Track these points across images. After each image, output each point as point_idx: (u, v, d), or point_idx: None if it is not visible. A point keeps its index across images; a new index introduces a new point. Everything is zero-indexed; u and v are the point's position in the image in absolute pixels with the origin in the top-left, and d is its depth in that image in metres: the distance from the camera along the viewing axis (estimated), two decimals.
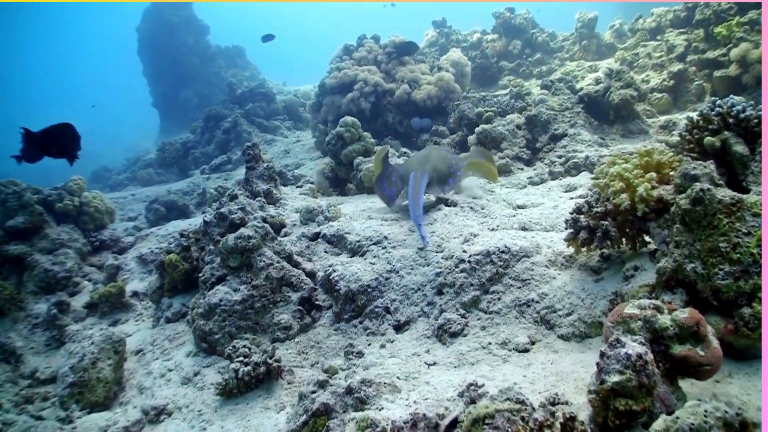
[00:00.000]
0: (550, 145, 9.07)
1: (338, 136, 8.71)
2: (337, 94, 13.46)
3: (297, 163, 14.00)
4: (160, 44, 30.66)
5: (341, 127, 8.74)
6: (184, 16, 31.04)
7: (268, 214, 6.41)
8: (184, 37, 30.54)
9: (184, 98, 29.49)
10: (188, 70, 30.20)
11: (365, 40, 14.89)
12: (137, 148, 32.59)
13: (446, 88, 12.87)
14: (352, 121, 8.76)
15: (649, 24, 15.21)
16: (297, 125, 19.38)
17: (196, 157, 17.96)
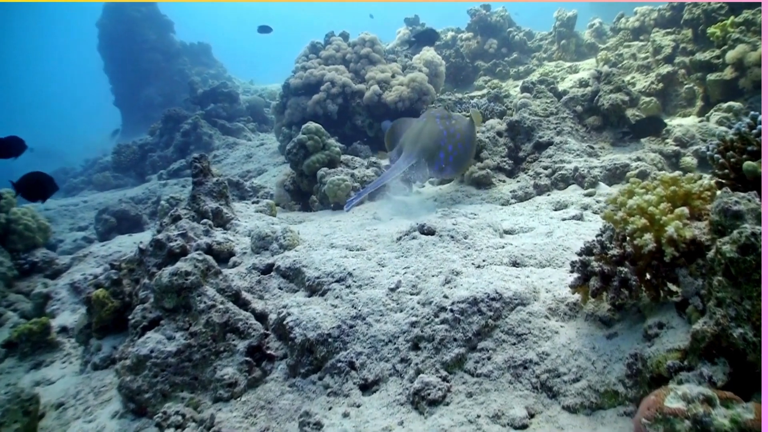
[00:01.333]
0: (534, 155, 8.23)
1: (300, 145, 7.78)
2: (303, 95, 12.55)
3: (259, 168, 13.07)
4: (121, 40, 29.58)
5: (303, 135, 7.82)
6: (146, 12, 29.96)
7: (215, 241, 5.47)
8: (147, 33, 29.48)
9: (147, 96, 28.42)
10: (151, 67, 29.15)
11: (333, 38, 13.97)
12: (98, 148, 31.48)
13: (419, 89, 12.01)
14: (315, 128, 7.84)
15: (632, 23, 14.48)
16: (262, 127, 18.42)
17: (154, 161, 16.93)
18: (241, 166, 13.82)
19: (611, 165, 7.45)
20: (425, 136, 7.31)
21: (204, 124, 16.61)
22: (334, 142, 8.11)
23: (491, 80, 16.52)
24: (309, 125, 7.87)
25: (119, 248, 8.43)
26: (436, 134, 7.30)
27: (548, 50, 17.22)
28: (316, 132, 7.82)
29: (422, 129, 7.51)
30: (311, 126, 7.85)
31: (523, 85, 11.19)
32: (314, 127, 7.85)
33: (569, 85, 13.84)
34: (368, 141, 12.27)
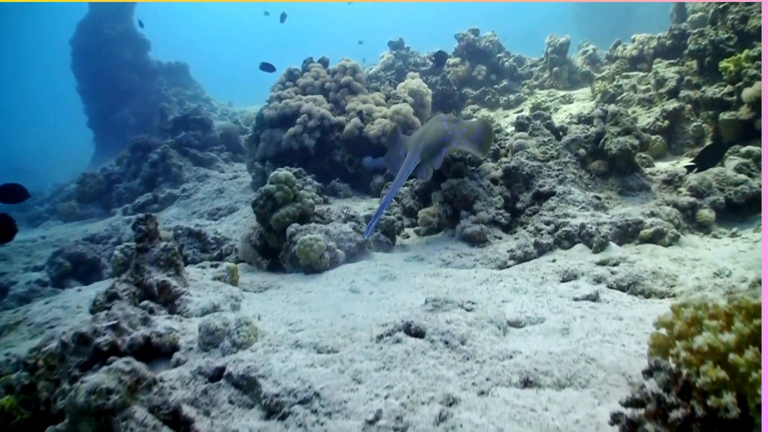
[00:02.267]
0: (534, 206, 7.28)
1: (267, 196, 6.75)
2: (278, 127, 11.58)
3: (231, 206, 12.05)
4: (95, 59, 28.51)
5: (272, 184, 6.79)
6: (122, 30, 28.93)
7: (155, 332, 4.44)
8: (122, 51, 28.43)
9: (121, 118, 27.36)
10: (126, 87, 28.09)
11: (312, 64, 13.03)
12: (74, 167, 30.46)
13: (404, 122, 11.08)
14: (285, 177, 6.82)
15: (630, 51, 13.64)
16: (236, 156, 17.38)
17: (120, 193, 15.86)
18: (211, 202, 12.80)
19: (622, 221, 6.51)
20: (428, 136, 7.26)
21: (174, 154, 15.53)
22: (306, 193, 7.09)
23: (480, 109, 15.65)
24: (278, 173, 6.84)
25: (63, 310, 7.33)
26: (440, 133, 7.27)
27: (539, 77, 16.37)
28: (286, 181, 6.81)
29: (426, 130, 7.53)
30: (280, 174, 6.82)
31: (517, 121, 10.25)
32: (284, 175, 6.83)
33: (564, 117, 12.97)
34: (348, 178, 11.32)
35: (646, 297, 5.11)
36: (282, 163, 11.50)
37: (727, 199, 7.09)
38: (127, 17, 30.25)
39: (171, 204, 13.62)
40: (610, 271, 5.49)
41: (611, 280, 5.32)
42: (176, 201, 13.64)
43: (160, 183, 14.97)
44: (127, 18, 30.28)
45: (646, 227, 6.40)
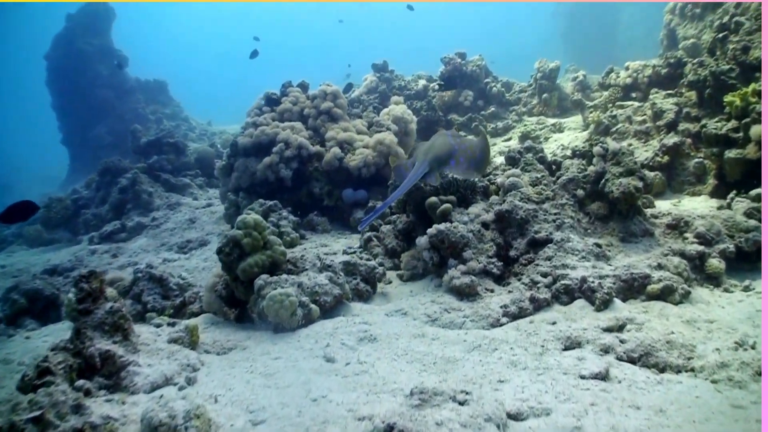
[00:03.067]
0: (529, 255, 6.61)
1: (233, 243, 6.02)
2: (252, 156, 10.88)
3: (202, 238, 11.30)
4: (70, 75, 27.73)
5: (239, 230, 6.06)
6: (98, 45, 28.17)
7: (89, 423, 3.73)
8: (98, 67, 27.66)
9: (96, 136, 26.59)
10: (101, 104, 27.32)
11: (291, 89, 12.35)
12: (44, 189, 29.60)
13: (386, 153, 10.42)
14: (254, 221, 6.10)
15: (623, 79, 13.09)
16: (211, 181, 16.60)
17: (87, 219, 15.01)
18: (182, 233, 12.05)
19: (627, 275, 5.86)
20: (437, 147, 7.64)
21: (144, 179, 14.73)
22: (277, 239, 6.37)
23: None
24: (246, 218, 6.12)
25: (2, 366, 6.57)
26: (447, 146, 7.65)
27: (528, 103, 15.80)
28: (255, 226, 6.09)
29: (434, 142, 7.89)
30: (249, 219, 6.10)
31: (508, 155, 9.64)
32: (252, 220, 6.12)
33: (555, 147, 12.39)
34: (327, 211, 10.64)
35: (660, 371, 4.46)
36: (257, 194, 10.81)
37: (738, 247, 6.47)
38: (104, 32, 29.53)
39: (140, 234, 12.86)
40: (619, 339, 4.83)
41: (620, 351, 4.66)
42: (145, 230, 12.88)
43: (129, 210, 14.17)
44: (105, 33, 29.56)
45: (654, 282, 5.77)
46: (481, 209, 7.36)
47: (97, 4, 29.49)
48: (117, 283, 7.84)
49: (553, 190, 7.50)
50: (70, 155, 29.18)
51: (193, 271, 9.41)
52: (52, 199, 16.37)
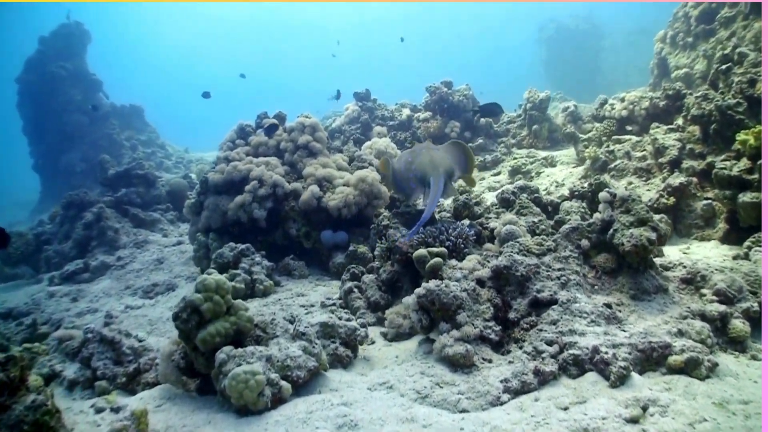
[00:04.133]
0: (531, 318, 5.83)
1: (191, 308, 5.15)
2: (224, 194, 10.04)
3: (169, 282, 10.41)
4: (42, 99, 26.78)
5: (198, 293, 5.18)
6: (72, 69, 27.26)
7: None
8: (71, 92, 26.75)
9: (67, 162, 25.61)
10: (74, 129, 26.40)
11: (266, 120, 11.55)
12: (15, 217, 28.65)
13: (369, 192, 9.63)
14: (216, 283, 5.24)
15: (618, 112, 12.42)
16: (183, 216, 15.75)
17: (49, 257, 14.04)
18: (148, 275, 11.16)
19: (645, 344, 5.08)
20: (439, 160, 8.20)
21: (111, 214, 13.78)
22: (243, 304, 5.50)
23: None
24: (207, 280, 5.25)
25: None
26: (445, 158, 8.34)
27: (517, 135, 15.12)
28: (217, 288, 5.24)
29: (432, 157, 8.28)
30: (210, 281, 5.23)
31: (501, 196, 8.91)
32: (214, 281, 5.25)
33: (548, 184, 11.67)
34: (304, 253, 9.81)
35: None
36: (228, 235, 9.98)
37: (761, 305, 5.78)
38: (79, 55, 28.66)
39: (103, 274, 11.95)
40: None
41: None
42: (109, 271, 11.97)
43: (93, 248, 13.23)
44: (79, 56, 28.69)
45: (676, 353, 5.00)
46: (476, 263, 6.57)
47: (71, 26, 28.70)
48: (66, 343, 7.00)
49: (554, 240, 6.72)
50: (42, 182, 28.20)
51: (156, 322, 8.56)
52: (13, 234, 15.41)
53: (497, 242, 7.21)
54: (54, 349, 7.15)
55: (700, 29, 15.10)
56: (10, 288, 13.71)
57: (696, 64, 15.19)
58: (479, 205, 9.50)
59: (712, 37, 14.67)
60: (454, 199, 9.68)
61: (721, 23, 14.32)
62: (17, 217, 28.50)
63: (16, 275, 14.78)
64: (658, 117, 11.50)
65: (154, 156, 26.94)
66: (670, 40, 16.73)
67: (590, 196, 8.82)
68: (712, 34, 14.72)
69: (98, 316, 9.45)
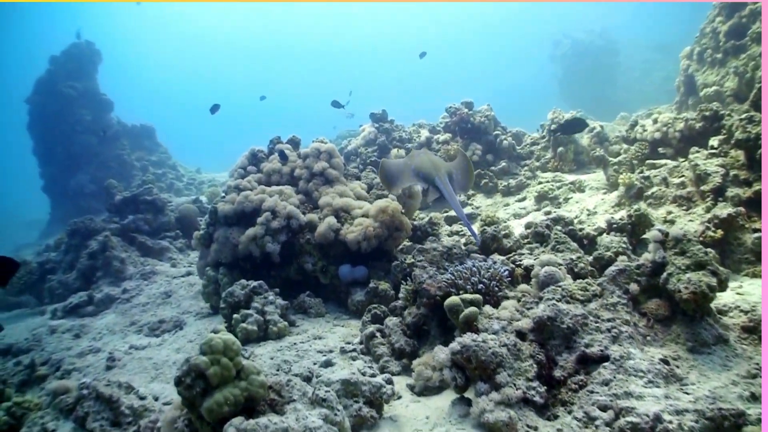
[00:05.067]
0: (579, 377, 5.17)
1: (196, 372, 4.48)
2: (235, 226, 9.42)
3: (177, 319, 9.76)
4: (52, 120, 26.36)
5: (203, 356, 4.52)
6: (82, 89, 26.85)
7: None
8: (81, 112, 26.36)
9: (77, 184, 25.11)
10: (83, 150, 25.96)
11: (280, 145, 10.92)
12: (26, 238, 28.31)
13: (390, 224, 8.97)
14: (224, 344, 4.57)
15: (650, 134, 11.69)
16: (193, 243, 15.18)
17: (52, 287, 13.44)
18: (154, 311, 10.53)
19: (714, 411, 4.37)
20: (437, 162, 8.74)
21: (116, 243, 13.14)
22: (254, 367, 4.81)
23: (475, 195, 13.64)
24: (213, 340, 4.56)
25: None
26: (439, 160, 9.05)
27: (541, 157, 14.42)
28: (226, 350, 4.58)
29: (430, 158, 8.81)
30: (216, 342, 4.56)
31: (534, 230, 8.23)
32: (221, 342, 4.58)
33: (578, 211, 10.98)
34: (321, 290, 9.16)
35: None
36: (239, 270, 9.35)
37: None
38: (89, 75, 28.26)
39: (108, 308, 11.33)
40: None
41: None
42: (114, 305, 11.34)
43: (98, 279, 12.61)
44: (90, 76, 28.29)
45: (752, 423, 4.32)
46: (513, 310, 5.90)
47: (82, 45, 28.33)
48: (60, 397, 6.36)
49: (600, 284, 6.03)
50: (51, 204, 27.74)
51: (161, 366, 7.92)
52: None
53: (534, 284, 6.54)
54: (48, 403, 6.53)
55: (729, 45, 14.41)
56: (12, 319, 13.12)
57: (726, 82, 14.49)
58: (508, 238, 8.85)
59: (743, 53, 13.99)
60: (481, 230, 9.03)
61: (753, 38, 13.66)
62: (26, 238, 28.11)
63: (19, 303, 14.23)
64: (694, 140, 10.81)
65: (164, 177, 26.45)
66: (697, 56, 16.05)
67: (630, 228, 8.14)
68: (743, 50, 14.05)
69: (100, 357, 8.82)
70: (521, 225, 11.31)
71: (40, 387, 8.59)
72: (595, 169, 13.35)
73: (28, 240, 27.59)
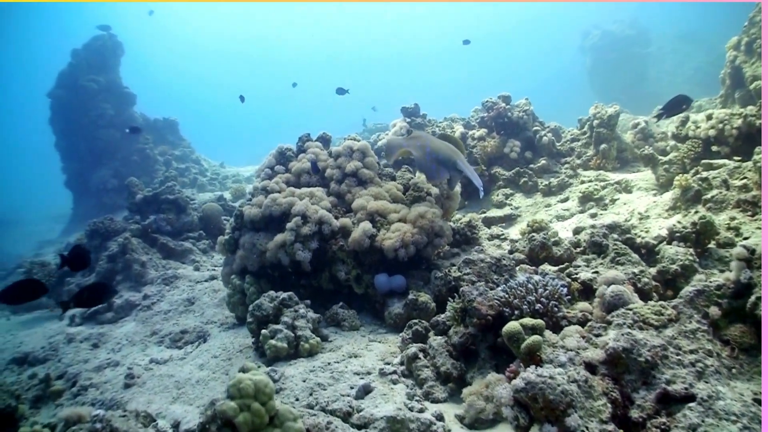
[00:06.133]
0: (660, 419, 4.47)
1: (223, 421, 3.78)
2: (262, 231, 8.77)
3: (200, 329, 9.14)
4: (73, 114, 25.91)
5: (232, 401, 3.86)
6: (104, 83, 26.35)
7: None
8: (103, 106, 25.83)
9: (99, 179, 24.68)
10: (106, 145, 25.48)
11: (309, 143, 10.23)
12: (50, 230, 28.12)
13: (429, 230, 8.28)
14: (254, 388, 3.86)
15: (704, 131, 10.88)
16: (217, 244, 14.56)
17: (71, 291, 12.88)
18: (177, 319, 9.92)
19: None
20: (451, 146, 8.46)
21: (137, 246, 12.51)
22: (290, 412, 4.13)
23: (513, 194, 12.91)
24: (242, 383, 3.85)
25: None
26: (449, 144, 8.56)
27: (582, 154, 13.64)
28: (257, 394, 3.90)
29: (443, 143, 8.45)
30: (246, 384, 3.84)
31: (591, 240, 7.48)
32: (251, 385, 3.87)
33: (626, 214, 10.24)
34: (355, 300, 8.50)
35: None
36: (267, 279, 8.71)
37: None
38: (111, 68, 27.77)
39: (128, 315, 10.74)
40: None
41: None
42: (135, 311, 10.75)
43: (118, 283, 11.97)
44: (112, 69, 27.80)
45: None
46: (578, 337, 5.19)
47: (104, 38, 27.84)
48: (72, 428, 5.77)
49: (674, 306, 5.31)
50: (74, 199, 27.33)
51: (183, 385, 7.31)
52: (34, 264, 14.30)
53: (598, 305, 5.83)
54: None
55: None
56: (30, 322, 12.64)
57: None
58: (558, 246, 8.14)
59: None
60: (529, 237, 8.33)
61: None
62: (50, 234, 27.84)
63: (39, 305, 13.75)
64: (753, 138, 10.04)
65: (187, 172, 25.91)
66: (745, 47, 15.17)
67: (694, 238, 7.39)
68: None
69: (119, 372, 8.23)
70: (565, 228, 10.60)
71: (54, 404, 8.05)
72: (641, 168, 12.59)
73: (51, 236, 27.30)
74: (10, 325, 13.03)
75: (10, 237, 34.32)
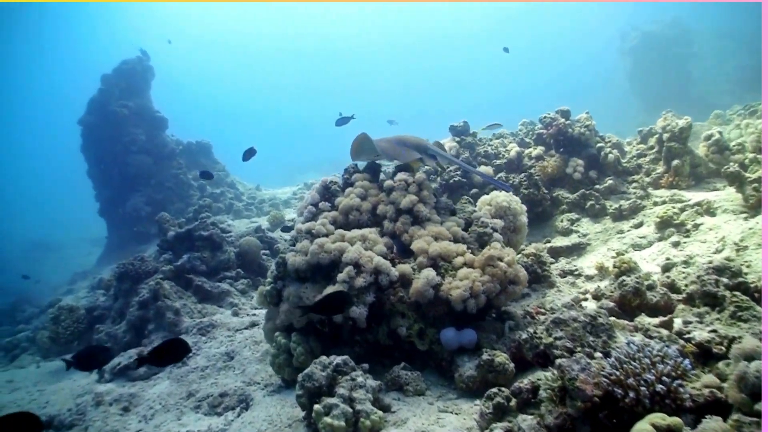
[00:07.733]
0: None
1: None
2: (308, 282, 7.68)
3: (241, 391, 8.07)
4: (105, 141, 25.22)
5: None
6: (135, 108, 25.66)
7: None
8: (134, 132, 25.15)
9: (132, 207, 23.92)
10: (138, 171, 24.77)
11: (357, 175, 9.15)
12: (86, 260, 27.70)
13: (502, 277, 7.14)
14: None
15: None
16: (257, 281, 13.45)
17: (101, 341, 11.93)
18: (215, 377, 8.87)
19: None
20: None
21: (169, 291, 11.43)
22: None
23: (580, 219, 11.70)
24: None
25: None
26: None
27: (651, 171, 12.39)
28: None
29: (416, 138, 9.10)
30: None
31: (703, 290, 6.28)
32: None
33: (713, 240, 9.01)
34: (417, 357, 7.38)
35: None
36: (316, 336, 7.62)
37: None
38: (142, 92, 27.13)
39: (162, 370, 9.77)
40: None
41: None
42: (169, 367, 9.77)
43: (150, 332, 10.99)
44: (143, 93, 27.16)
45: None
46: None
47: (134, 62, 27.19)
48: None
49: None
50: (108, 228, 26.65)
51: None
52: (62, 310, 13.37)
53: (735, 384, 4.63)
54: None
55: None
56: (59, 372, 11.72)
57: None
58: (653, 290, 6.97)
59: None
60: (619, 282, 7.16)
61: None
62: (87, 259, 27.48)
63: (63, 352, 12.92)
64: None
65: (222, 197, 25.04)
66: None
67: None
68: None
69: None
70: (645, 260, 9.38)
71: None
72: (717, 185, 11.32)
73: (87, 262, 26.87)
74: (39, 374, 12.17)
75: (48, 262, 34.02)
